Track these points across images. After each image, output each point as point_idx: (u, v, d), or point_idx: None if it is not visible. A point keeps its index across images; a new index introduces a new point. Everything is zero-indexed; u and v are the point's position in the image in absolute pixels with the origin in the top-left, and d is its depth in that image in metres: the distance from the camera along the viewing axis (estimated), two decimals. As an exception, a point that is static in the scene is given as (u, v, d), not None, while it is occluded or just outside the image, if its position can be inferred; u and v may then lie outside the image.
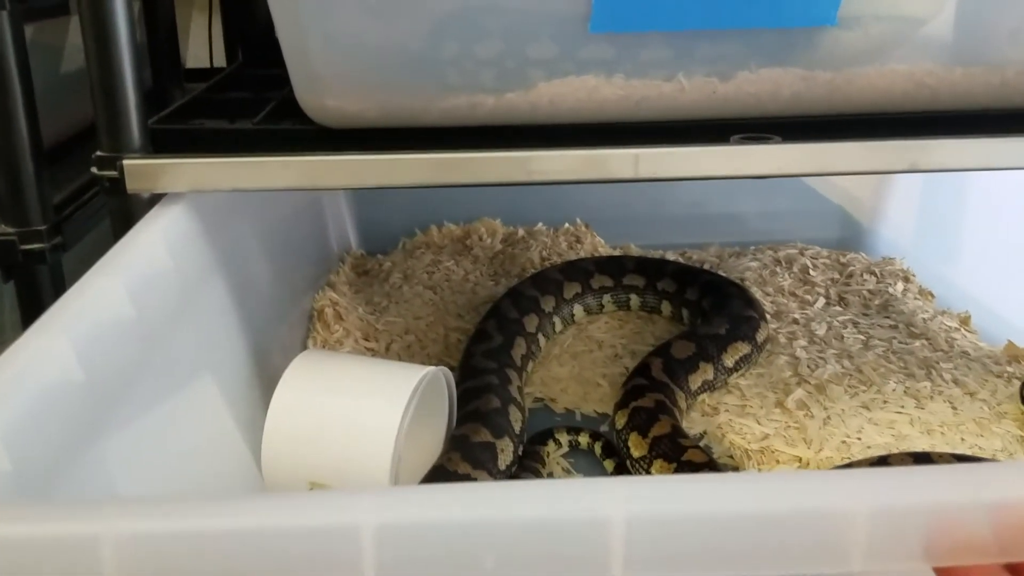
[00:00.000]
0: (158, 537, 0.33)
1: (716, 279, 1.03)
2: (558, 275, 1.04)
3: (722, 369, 0.88)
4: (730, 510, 0.32)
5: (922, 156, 0.67)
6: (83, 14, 0.63)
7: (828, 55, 0.70)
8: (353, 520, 0.32)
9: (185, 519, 0.33)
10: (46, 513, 0.33)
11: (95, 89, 0.65)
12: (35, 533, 0.33)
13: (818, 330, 0.98)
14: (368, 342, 0.98)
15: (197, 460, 0.66)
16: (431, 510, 0.32)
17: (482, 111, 0.72)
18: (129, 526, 0.33)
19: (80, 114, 1.00)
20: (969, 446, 0.78)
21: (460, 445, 0.72)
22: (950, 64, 0.71)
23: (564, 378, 0.93)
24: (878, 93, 0.72)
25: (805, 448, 0.78)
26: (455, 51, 0.69)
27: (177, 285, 0.65)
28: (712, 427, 0.83)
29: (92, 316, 0.52)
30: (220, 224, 0.75)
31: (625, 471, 0.78)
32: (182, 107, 0.83)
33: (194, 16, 1.43)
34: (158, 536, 0.33)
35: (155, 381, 0.61)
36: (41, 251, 0.76)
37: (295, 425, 0.69)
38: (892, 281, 1.11)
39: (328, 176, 0.68)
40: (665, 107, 0.72)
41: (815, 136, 0.69)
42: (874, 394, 0.85)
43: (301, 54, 0.69)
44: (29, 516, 0.33)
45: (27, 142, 0.74)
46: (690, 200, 1.32)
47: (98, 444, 0.51)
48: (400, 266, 1.17)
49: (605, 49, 0.70)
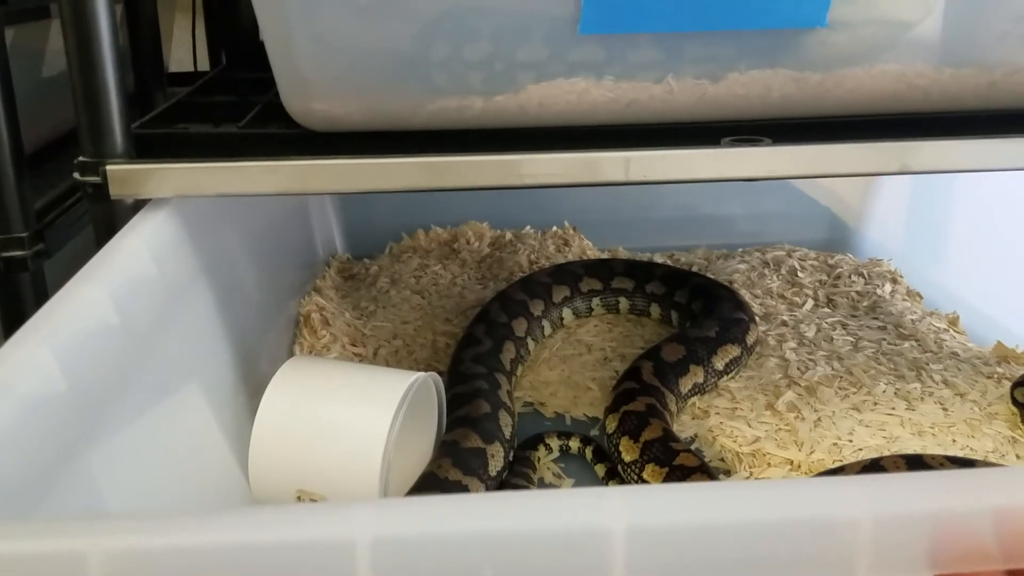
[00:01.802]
0: (147, 553, 0.32)
1: (705, 281, 1.03)
2: (546, 278, 1.04)
3: (712, 372, 0.87)
4: (733, 519, 0.32)
5: (914, 157, 0.67)
6: (65, 17, 0.61)
7: (818, 56, 0.70)
8: (348, 534, 0.31)
9: (174, 534, 0.32)
10: (32, 530, 0.33)
11: (77, 93, 0.64)
12: (21, 550, 0.32)
13: (807, 332, 0.98)
14: (355, 347, 0.97)
15: (183, 468, 0.65)
16: (427, 522, 0.32)
17: (470, 114, 0.71)
18: (117, 543, 0.32)
19: (61, 119, 0.99)
20: (960, 447, 0.78)
21: (450, 451, 0.72)
22: (940, 66, 0.71)
23: (554, 382, 0.92)
24: (868, 95, 0.72)
25: (796, 450, 0.78)
26: (443, 53, 0.68)
27: (162, 292, 0.64)
28: (703, 430, 0.82)
29: (75, 324, 0.51)
30: (205, 230, 0.74)
31: (616, 476, 0.77)
32: (166, 111, 0.82)
33: (177, 19, 1.42)
34: (147, 552, 0.32)
35: (140, 390, 0.60)
36: (23, 258, 0.75)
37: (283, 433, 0.68)
38: (880, 282, 1.11)
39: (316, 181, 0.67)
40: (655, 109, 0.72)
41: (806, 138, 0.69)
42: (864, 396, 0.85)
43: (287, 56, 0.68)
44: (15, 533, 0.32)
45: (7, 147, 0.73)
46: (678, 202, 1.32)
47: (83, 455, 0.50)
48: (387, 270, 1.16)
49: (595, 51, 0.69)
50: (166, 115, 0.80)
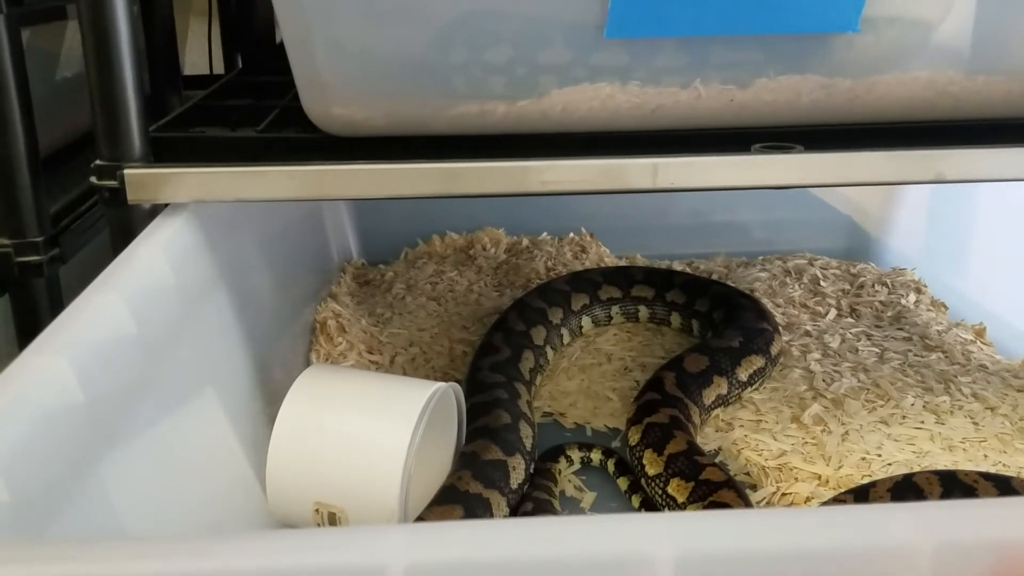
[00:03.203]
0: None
1: (727, 290, 1.01)
2: (565, 286, 1.02)
3: (736, 383, 0.86)
4: (785, 547, 0.30)
5: (948, 166, 0.65)
6: (83, 17, 0.60)
7: (848, 62, 0.68)
8: (379, 560, 0.30)
9: (197, 559, 0.31)
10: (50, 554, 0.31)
11: (94, 95, 0.62)
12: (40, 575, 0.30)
13: (831, 343, 0.96)
14: (372, 355, 0.96)
15: (200, 478, 0.64)
16: (464, 548, 0.30)
17: (492, 119, 0.69)
18: (139, 568, 0.30)
19: (75, 121, 0.98)
20: (992, 463, 0.76)
21: (471, 463, 0.70)
22: (971, 73, 0.70)
23: (573, 392, 0.91)
24: (898, 101, 0.71)
25: (824, 465, 0.76)
26: (464, 57, 0.67)
27: (179, 300, 0.63)
28: (727, 443, 0.81)
29: (93, 334, 0.50)
30: (222, 235, 0.73)
31: (639, 489, 0.75)
32: (182, 115, 0.80)
33: (192, 23, 1.41)
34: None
35: (155, 399, 0.58)
36: (38, 263, 0.73)
37: (301, 443, 0.67)
38: (904, 292, 1.09)
39: (335, 186, 0.66)
40: (681, 115, 0.70)
41: (835, 145, 0.67)
42: (892, 409, 0.83)
43: (307, 60, 0.67)
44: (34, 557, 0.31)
45: (23, 150, 0.71)
46: (692, 209, 1.30)
47: (98, 467, 0.49)
48: (402, 276, 1.15)
49: (619, 55, 0.68)
50: (182, 119, 0.79)
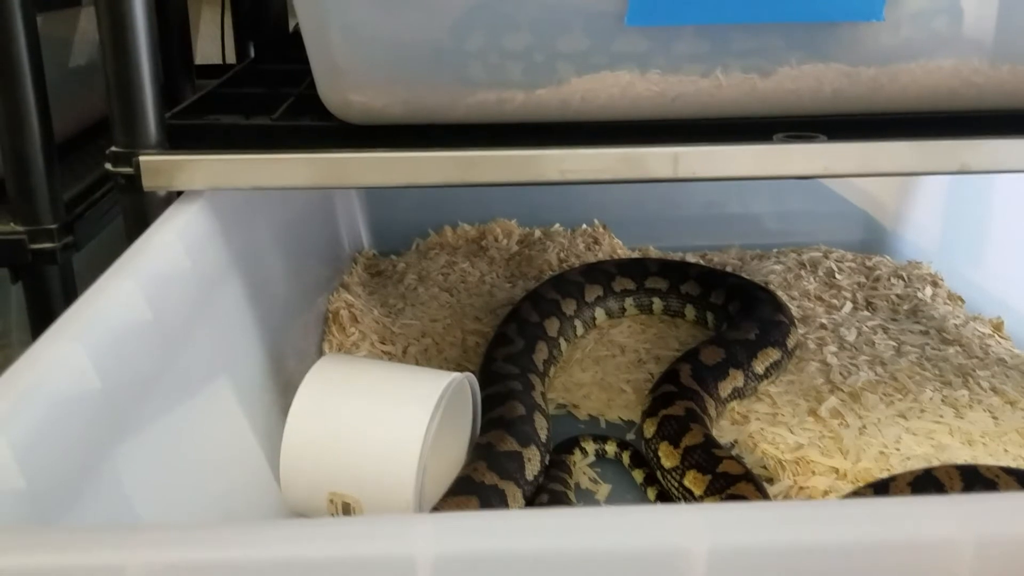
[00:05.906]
0: (191, 567, 0.30)
1: (742, 282, 1.00)
2: (579, 277, 1.02)
3: (752, 376, 0.85)
4: (821, 540, 0.29)
5: (973, 157, 0.64)
6: (99, 3, 0.60)
7: (872, 51, 0.67)
8: (407, 551, 0.29)
9: (221, 548, 0.30)
10: (69, 540, 0.31)
11: (110, 82, 0.62)
12: (58, 563, 0.30)
13: (848, 335, 0.95)
14: (384, 345, 0.95)
15: (213, 467, 0.63)
16: (494, 539, 0.29)
17: (511, 107, 0.69)
18: (159, 556, 0.30)
19: (89, 108, 0.97)
20: (1013, 457, 0.75)
21: (486, 455, 0.70)
22: (996, 61, 0.69)
23: (587, 384, 0.90)
24: (922, 91, 0.70)
25: (842, 459, 0.75)
26: (482, 43, 0.66)
27: (194, 287, 0.63)
28: (743, 436, 0.80)
29: (108, 321, 0.50)
30: (236, 223, 0.72)
31: (655, 482, 0.75)
32: (196, 102, 0.80)
33: (204, 11, 1.40)
34: (191, 566, 0.30)
35: (170, 387, 0.58)
36: (51, 251, 0.73)
37: (316, 432, 0.66)
38: (920, 285, 1.08)
39: (352, 174, 0.65)
40: (702, 104, 0.69)
41: (858, 135, 0.66)
42: (911, 402, 0.82)
43: (323, 47, 0.66)
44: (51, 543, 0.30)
45: (38, 136, 0.71)
46: (706, 200, 1.29)
47: (114, 455, 0.49)
48: (414, 267, 1.14)
49: (639, 42, 0.67)
50: (197, 106, 0.78)
